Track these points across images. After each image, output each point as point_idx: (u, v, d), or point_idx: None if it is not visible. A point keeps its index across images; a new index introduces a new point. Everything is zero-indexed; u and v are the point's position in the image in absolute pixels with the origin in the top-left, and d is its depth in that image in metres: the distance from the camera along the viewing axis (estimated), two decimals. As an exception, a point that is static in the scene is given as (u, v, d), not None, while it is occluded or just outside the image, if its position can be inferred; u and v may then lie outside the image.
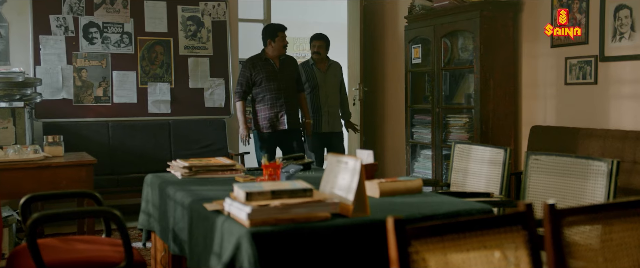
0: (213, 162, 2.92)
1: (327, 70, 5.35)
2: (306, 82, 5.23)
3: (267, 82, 4.77)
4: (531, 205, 1.51)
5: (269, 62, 4.81)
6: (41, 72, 5.00)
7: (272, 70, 4.79)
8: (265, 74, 4.77)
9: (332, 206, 1.93)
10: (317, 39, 5.37)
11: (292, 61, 4.98)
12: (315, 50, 5.32)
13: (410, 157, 5.30)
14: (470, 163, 3.40)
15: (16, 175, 3.33)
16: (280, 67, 4.82)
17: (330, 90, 5.33)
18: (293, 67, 4.96)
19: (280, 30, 4.84)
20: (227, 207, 1.96)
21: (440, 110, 4.83)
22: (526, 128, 4.41)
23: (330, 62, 5.39)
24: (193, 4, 5.57)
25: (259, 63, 4.80)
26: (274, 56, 4.82)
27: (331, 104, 5.33)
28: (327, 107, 5.30)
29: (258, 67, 4.79)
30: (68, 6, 5.11)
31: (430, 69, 4.95)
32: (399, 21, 5.66)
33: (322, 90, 5.29)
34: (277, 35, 4.80)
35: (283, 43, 4.81)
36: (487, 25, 4.38)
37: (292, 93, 4.87)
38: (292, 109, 4.86)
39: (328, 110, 5.31)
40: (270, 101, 4.78)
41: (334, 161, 2.13)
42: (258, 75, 4.78)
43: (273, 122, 4.79)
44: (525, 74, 4.50)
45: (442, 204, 2.23)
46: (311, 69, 5.32)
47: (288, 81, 4.84)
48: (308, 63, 5.36)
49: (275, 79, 4.77)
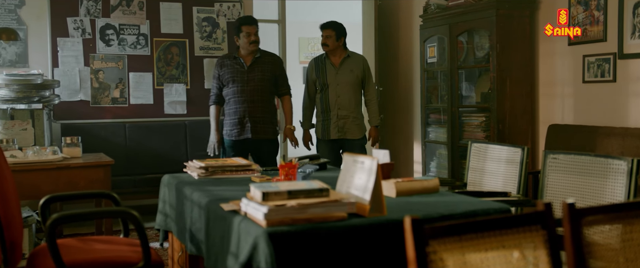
0: (229, 162, 2.93)
1: (340, 64, 4.58)
2: (316, 79, 4.64)
3: (233, 84, 4.26)
4: (550, 204, 1.49)
5: (237, 61, 4.29)
6: (59, 74, 5.06)
7: (239, 70, 4.26)
8: (230, 75, 4.27)
9: (348, 206, 1.93)
10: (325, 27, 4.59)
11: (271, 60, 4.37)
12: (323, 41, 4.59)
13: (426, 156, 5.27)
14: (487, 162, 3.37)
15: (35, 176, 3.36)
16: (251, 66, 4.26)
17: (343, 89, 4.56)
18: (270, 66, 4.33)
19: (244, 25, 4.24)
20: (244, 207, 1.96)
21: (456, 109, 4.80)
22: (544, 127, 4.37)
23: (347, 55, 4.59)
24: (208, 5, 5.59)
25: (227, 62, 4.33)
26: (245, 54, 4.29)
27: (342, 105, 4.55)
28: (336, 110, 4.55)
29: (226, 67, 4.31)
30: (85, 8, 5.16)
31: (445, 67, 4.93)
32: (413, 20, 5.64)
33: (332, 88, 4.56)
34: (241, 30, 4.24)
35: (248, 39, 4.22)
36: (503, 23, 4.35)
37: (262, 97, 4.27)
38: (261, 115, 4.27)
39: (338, 113, 4.55)
40: (234, 105, 4.27)
41: (350, 161, 2.13)
42: (225, 76, 4.30)
43: (237, 129, 4.26)
44: (543, 72, 4.46)
45: (460, 204, 2.22)
46: (322, 65, 4.62)
47: (258, 83, 4.26)
48: (320, 58, 4.68)
49: (241, 80, 4.24)
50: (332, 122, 4.57)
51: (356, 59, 4.64)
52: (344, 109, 4.56)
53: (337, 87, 4.57)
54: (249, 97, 4.24)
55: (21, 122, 4.15)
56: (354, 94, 4.59)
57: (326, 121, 4.59)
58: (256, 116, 4.26)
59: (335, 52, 4.59)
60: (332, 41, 4.53)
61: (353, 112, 4.58)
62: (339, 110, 4.56)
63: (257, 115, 4.26)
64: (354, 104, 4.59)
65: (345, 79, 4.57)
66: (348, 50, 4.63)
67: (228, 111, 4.33)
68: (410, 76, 5.80)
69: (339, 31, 4.56)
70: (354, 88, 4.58)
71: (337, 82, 4.57)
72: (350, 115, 4.57)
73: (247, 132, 4.25)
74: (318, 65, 4.64)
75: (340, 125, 4.56)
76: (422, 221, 1.35)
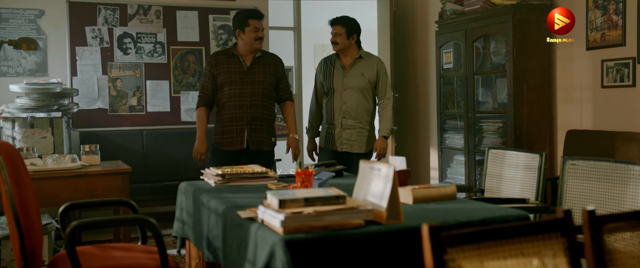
0: (246, 169, 2.94)
1: (350, 66, 4.03)
2: (323, 82, 4.13)
3: (229, 86, 3.76)
4: (570, 211, 1.48)
5: (237, 60, 3.80)
6: (78, 82, 5.12)
7: (238, 70, 3.78)
8: (227, 75, 3.77)
9: (365, 213, 1.92)
10: (335, 23, 4.05)
11: (273, 60, 3.91)
12: (332, 38, 4.05)
13: (443, 162, 5.24)
14: (505, 168, 3.35)
15: (55, 183, 3.40)
16: (252, 67, 3.80)
17: (350, 94, 3.99)
18: (272, 68, 3.88)
19: (251, 18, 3.75)
20: (261, 214, 1.97)
21: (473, 115, 4.77)
22: (562, 132, 4.33)
23: (359, 56, 4.05)
24: (224, 13, 5.63)
25: (224, 60, 3.81)
26: (245, 53, 3.81)
27: (348, 113, 4.00)
28: (340, 118, 4.01)
29: (222, 66, 3.79)
30: (103, 18, 5.22)
31: (462, 73, 4.91)
32: (429, 26, 5.62)
33: (337, 94, 4.03)
34: (247, 23, 3.73)
35: (255, 35, 3.73)
36: (519, 28, 4.32)
37: (264, 102, 3.83)
38: (261, 123, 3.82)
39: (342, 123, 4.01)
40: (230, 110, 3.77)
41: (367, 168, 2.12)
42: (221, 76, 3.78)
43: (232, 138, 3.79)
44: (560, 77, 4.42)
45: (477, 210, 2.20)
46: (331, 66, 4.11)
47: (260, 86, 3.80)
48: (330, 58, 4.17)
49: (242, 82, 3.76)
50: (336, 132, 4.05)
51: (369, 60, 4.07)
52: (350, 117, 4.01)
53: (344, 93, 4.02)
54: (249, 102, 3.77)
55: (41, 130, 4.20)
56: (363, 101, 4.03)
57: (330, 130, 4.09)
58: (256, 124, 3.80)
59: (347, 52, 4.05)
60: (342, 39, 3.99)
61: (360, 122, 4.02)
62: (344, 119, 4.02)
63: (257, 123, 3.80)
64: (362, 113, 4.03)
65: (353, 84, 4.02)
66: (362, 50, 4.10)
67: (221, 117, 3.83)
68: (426, 82, 5.78)
69: (351, 27, 4.02)
70: (363, 94, 4.03)
71: (344, 87, 4.01)
72: (356, 125, 4.01)
73: (244, 141, 3.78)
74: (327, 65, 4.13)
75: (344, 136, 4.03)
76: (439, 228, 1.34)
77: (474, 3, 4.63)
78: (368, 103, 4.06)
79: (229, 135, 3.79)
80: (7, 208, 2.01)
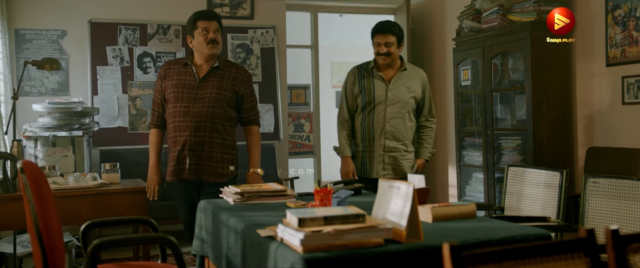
0: (264, 187, 2.95)
1: (394, 79, 3.59)
2: (358, 94, 3.63)
3: (174, 103, 3.19)
4: (593, 230, 1.46)
5: (189, 70, 3.23)
6: (98, 101, 5.19)
7: (187, 83, 3.19)
8: (174, 89, 3.18)
9: (385, 232, 1.91)
10: (385, 31, 3.53)
11: (234, 73, 3.29)
12: (383, 50, 3.53)
13: (462, 180, 5.21)
14: (525, 186, 3.32)
15: (76, 202, 3.44)
16: (204, 80, 3.21)
17: (395, 111, 3.56)
18: (230, 82, 3.26)
19: (199, 19, 3.19)
20: (280, 233, 1.97)
21: (492, 132, 4.74)
22: (582, 149, 4.29)
23: (403, 69, 3.63)
24: (242, 32, 5.69)
25: (175, 70, 3.25)
26: (200, 62, 3.25)
27: (392, 133, 3.56)
28: (382, 139, 3.56)
29: (171, 77, 3.23)
30: (124, 37, 5.30)
31: (480, 90, 4.89)
32: (446, 43, 5.63)
33: (379, 109, 3.55)
34: (195, 26, 3.20)
35: (205, 37, 3.17)
36: (538, 45, 4.30)
37: (214, 124, 3.22)
38: (210, 150, 3.23)
39: (384, 144, 3.56)
40: (174, 133, 3.23)
41: (386, 186, 2.12)
42: (167, 90, 3.22)
43: (174, 166, 3.25)
44: (580, 94, 4.38)
45: (498, 229, 2.18)
46: (368, 77, 3.62)
47: (210, 104, 3.19)
48: (366, 67, 3.67)
49: (188, 99, 3.17)
50: (376, 156, 3.57)
51: (414, 73, 3.67)
52: (394, 138, 3.56)
53: (387, 109, 3.55)
54: (194, 123, 3.16)
55: (62, 148, 4.25)
56: (407, 120, 3.60)
57: (367, 153, 3.60)
58: (199, 150, 3.21)
59: (392, 64, 3.60)
60: (394, 49, 3.55)
61: (404, 144, 3.59)
62: (387, 139, 3.55)
63: (201, 148, 3.21)
64: (406, 134, 3.60)
65: (399, 99, 3.56)
66: (404, 61, 3.68)
67: (168, 141, 3.31)
68: (444, 99, 5.77)
69: (400, 36, 3.58)
70: (409, 112, 3.61)
71: (388, 102, 3.56)
72: (399, 148, 3.57)
73: (185, 171, 3.22)
74: (362, 75, 3.63)
75: (387, 161, 3.56)
76: (460, 247, 1.33)
77: (492, 20, 4.63)
78: (412, 122, 3.66)
79: (171, 163, 3.26)
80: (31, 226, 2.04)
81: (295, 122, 6.16)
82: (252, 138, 3.42)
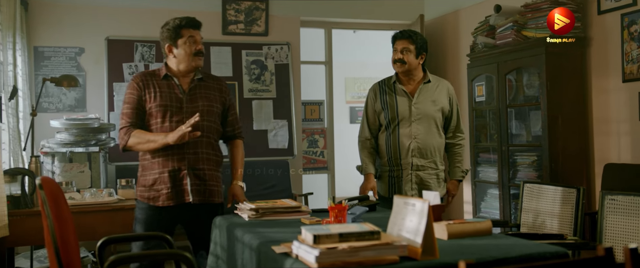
0: (279, 203, 2.95)
1: (418, 93, 3.37)
2: (381, 111, 3.43)
3: (164, 117, 2.88)
4: (611, 249, 1.45)
5: (170, 83, 2.93)
6: (115, 117, 5.24)
7: (173, 96, 2.91)
8: (161, 101, 2.87)
9: (400, 249, 1.91)
10: (400, 36, 3.37)
11: (218, 85, 3.06)
12: (398, 55, 3.34)
13: (476, 196, 5.18)
14: (541, 203, 3.29)
15: (92, 217, 3.46)
16: (191, 92, 2.95)
17: (421, 127, 3.33)
18: (218, 94, 3.03)
19: (185, 27, 2.90)
20: (295, 249, 1.97)
21: (507, 148, 4.72)
22: (599, 166, 4.24)
23: (427, 80, 3.41)
24: (257, 49, 5.73)
25: (152, 81, 2.92)
26: (181, 74, 2.95)
27: (419, 150, 3.33)
28: (409, 157, 3.33)
29: (153, 89, 2.90)
30: (140, 54, 5.37)
31: (494, 106, 4.88)
32: (460, 59, 5.63)
33: (404, 126, 3.33)
34: (180, 34, 2.88)
35: (193, 48, 2.89)
36: (553, 61, 4.29)
37: (210, 139, 2.99)
38: (208, 166, 2.98)
39: (412, 162, 3.34)
40: (165, 151, 2.87)
41: (401, 203, 2.11)
42: (151, 102, 2.89)
43: (168, 188, 2.88)
44: (596, 109, 4.35)
45: (514, 247, 2.16)
46: (391, 92, 3.40)
47: (206, 117, 2.95)
48: (387, 82, 3.46)
49: (178, 112, 2.90)
50: (404, 175, 3.34)
51: (440, 85, 3.43)
52: (422, 155, 3.34)
53: (413, 125, 3.33)
54: (191, 139, 2.85)
55: (79, 164, 4.30)
56: (435, 136, 3.37)
57: (395, 172, 3.37)
58: (200, 169, 2.94)
59: (412, 75, 3.38)
60: (410, 57, 3.32)
61: (433, 161, 3.36)
62: (414, 157, 3.32)
63: (202, 167, 2.95)
64: (434, 150, 3.36)
65: (425, 113, 3.34)
66: (428, 73, 3.45)
67: (150, 161, 2.92)
68: (458, 115, 5.75)
69: (420, 44, 3.35)
70: (436, 126, 3.38)
71: (413, 117, 3.33)
72: (428, 165, 3.35)
73: (188, 193, 2.91)
74: (384, 91, 3.41)
75: (415, 180, 3.33)
76: (476, 265, 1.33)
77: (506, 36, 4.62)
78: (441, 138, 3.41)
79: (165, 185, 2.89)
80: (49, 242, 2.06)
81: (309, 138, 6.18)
82: (238, 151, 3.15)
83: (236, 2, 5.63)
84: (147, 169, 2.94)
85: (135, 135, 2.86)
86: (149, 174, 2.93)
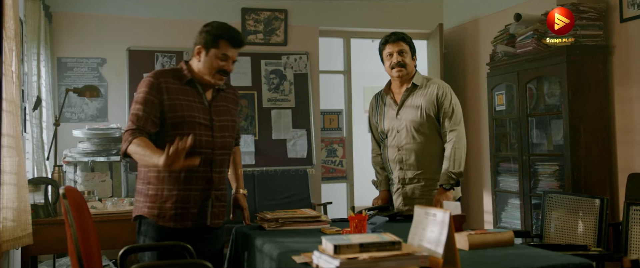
0: (299, 213, 2.95)
1: (403, 101, 3.15)
2: (376, 124, 3.29)
3: (191, 129, 2.52)
4: (638, 261, 1.42)
5: (194, 91, 2.61)
6: (135, 127, 5.29)
7: (198, 105, 2.60)
8: (188, 111, 2.54)
9: (421, 259, 1.89)
10: (394, 38, 3.13)
11: (233, 95, 2.80)
12: (397, 59, 3.11)
13: (497, 206, 5.12)
14: (564, 213, 3.25)
15: (114, 226, 3.49)
16: (214, 104, 2.66)
17: (405, 137, 3.11)
18: (234, 107, 2.79)
19: (223, 39, 2.57)
20: (316, 259, 1.96)
21: (528, 157, 4.67)
22: (623, 176, 4.18)
23: (411, 84, 3.15)
24: (276, 58, 5.76)
25: (173, 85, 2.57)
26: (203, 78, 2.61)
27: (406, 162, 3.11)
28: (397, 170, 3.15)
29: (175, 93, 2.55)
30: (160, 65, 5.42)
31: (515, 115, 4.83)
32: (480, 68, 5.60)
33: (390, 138, 3.17)
34: (216, 44, 2.56)
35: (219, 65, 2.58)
36: (574, 69, 4.24)
37: (228, 154, 2.73)
38: (224, 187, 2.73)
39: (400, 176, 3.14)
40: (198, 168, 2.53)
41: (422, 213, 2.10)
42: (175, 111, 2.52)
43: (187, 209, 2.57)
44: (619, 119, 4.29)
45: (537, 258, 2.13)
46: (382, 103, 3.27)
47: (229, 133, 2.69)
48: (381, 93, 3.33)
49: (205, 124, 2.59)
50: (394, 189, 3.20)
51: (427, 88, 3.14)
52: (408, 167, 3.11)
53: (397, 136, 3.14)
54: (219, 157, 2.63)
55: (101, 174, 4.34)
56: (424, 143, 3.08)
57: (395, 187, 3.22)
58: (221, 189, 2.70)
59: (405, 80, 3.16)
60: (408, 59, 3.13)
61: (425, 172, 3.08)
62: (400, 170, 3.13)
63: (222, 187, 2.71)
64: (425, 159, 3.08)
65: (406, 122, 3.12)
66: (419, 76, 3.18)
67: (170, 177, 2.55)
68: (478, 124, 5.71)
69: (412, 46, 3.16)
70: (422, 133, 3.09)
71: (397, 128, 3.15)
72: (419, 177, 3.09)
73: (207, 215, 2.64)
74: (378, 103, 3.29)
75: (406, 194, 3.12)
76: (500, 278, 1.31)
77: (527, 44, 4.59)
78: (433, 144, 3.09)
79: (184, 204, 2.56)
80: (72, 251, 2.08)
81: (328, 147, 6.18)
82: (238, 158, 2.94)
83: (255, 13, 5.67)
84: (164, 183, 2.56)
85: (137, 143, 2.44)
86: (166, 189, 2.56)
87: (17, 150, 2.71)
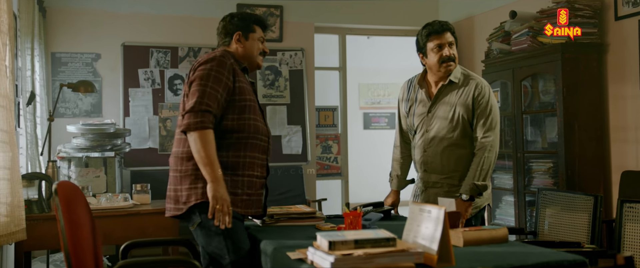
0: (293, 210, 2.95)
1: (436, 96, 2.87)
2: (406, 115, 3.03)
3: (253, 113, 2.49)
4: (632, 258, 1.43)
5: (244, 78, 2.57)
6: (130, 123, 5.28)
7: (252, 92, 2.57)
8: (250, 95, 2.51)
9: (416, 256, 1.90)
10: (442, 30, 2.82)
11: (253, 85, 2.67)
12: (448, 52, 2.80)
13: (492, 203, 5.13)
14: (558, 210, 3.26)
15: (108, 222, 3.49)
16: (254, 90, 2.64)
17: (434, 137, 2.86)
18: None
19: (258, 25, 2.64)
20: (311, 256, 1.96)
21: (522, 154, 4.68)
22: (616, 173, 4.20)
23: (457, 80, 2.86)
24: (271, 54, 5.74)
25: (238, 69, 2.52)
26: (252, 62, 2.64)
27: (430, 164, 2.88)
28: (422, 171, 2.93)
29: (240, 75, 2.51)
30: (155, 60, 5.41)
31: (510, 112, 4.84)
32: (475, 65, 5.60)
33: (419, 135, 2.92)
34: (253, 29, 2.61)
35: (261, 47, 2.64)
36: (569, 67, 4.25)
37: None
38: None
39: (424, 178, 2.93)
40: (260, 153, 2.52)
41: (417, 210, 2.10)
42: (243, 94, 2.47)
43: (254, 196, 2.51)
44: (613, 116, 4.31)
45: (530, 255, 2.14)
46: (414, 94, 2.97)
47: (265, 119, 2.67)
48: (413, 80, 3.03)
49: (258, 110, 2.56)
50: (419, 191, 2.97)
51: (465, 86, 2.85)
52: (433, 170, 2.87)
53: (426, 135, 2.88)
54: (269, 144, 2.61)
55: (95, 169, 4.33)
56: (451, 147, 2.83)
57: (418, 186, 3.00)
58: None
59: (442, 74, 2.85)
60: (456, 51, 2.85)
61: (449, 177, 2.85)
62: (425, 172, 2.90)
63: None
64: (451, 164, 2.84)
65: (436, 122, 2.86)
66: (457, 70, 2.88)
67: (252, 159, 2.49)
68: (472, 121, 5.72)
69: (456, 36, 2.88)
70: (453, 137, 2.83)
71: (426, 127, 2.89)
72: (443, 182, 2.86)
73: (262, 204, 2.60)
74: (409, 92, 2.99)
75: (428, 198, 2.88)
76: (495, 274, 1.31)
77: (522, 42, 4.60)
78: (464, 149, 2.83)
79: (254, 190, 2.50)
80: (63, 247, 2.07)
81: (323, 144, 6.17)
82: None
83: (251, 8, 5.65)
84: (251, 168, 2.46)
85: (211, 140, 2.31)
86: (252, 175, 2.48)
87: (10, 145, 2.70)
